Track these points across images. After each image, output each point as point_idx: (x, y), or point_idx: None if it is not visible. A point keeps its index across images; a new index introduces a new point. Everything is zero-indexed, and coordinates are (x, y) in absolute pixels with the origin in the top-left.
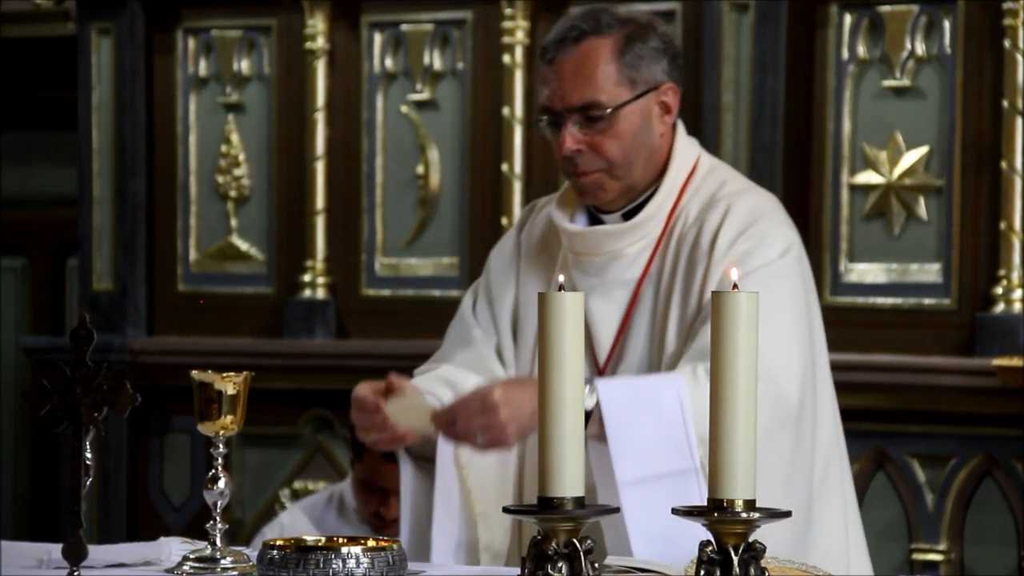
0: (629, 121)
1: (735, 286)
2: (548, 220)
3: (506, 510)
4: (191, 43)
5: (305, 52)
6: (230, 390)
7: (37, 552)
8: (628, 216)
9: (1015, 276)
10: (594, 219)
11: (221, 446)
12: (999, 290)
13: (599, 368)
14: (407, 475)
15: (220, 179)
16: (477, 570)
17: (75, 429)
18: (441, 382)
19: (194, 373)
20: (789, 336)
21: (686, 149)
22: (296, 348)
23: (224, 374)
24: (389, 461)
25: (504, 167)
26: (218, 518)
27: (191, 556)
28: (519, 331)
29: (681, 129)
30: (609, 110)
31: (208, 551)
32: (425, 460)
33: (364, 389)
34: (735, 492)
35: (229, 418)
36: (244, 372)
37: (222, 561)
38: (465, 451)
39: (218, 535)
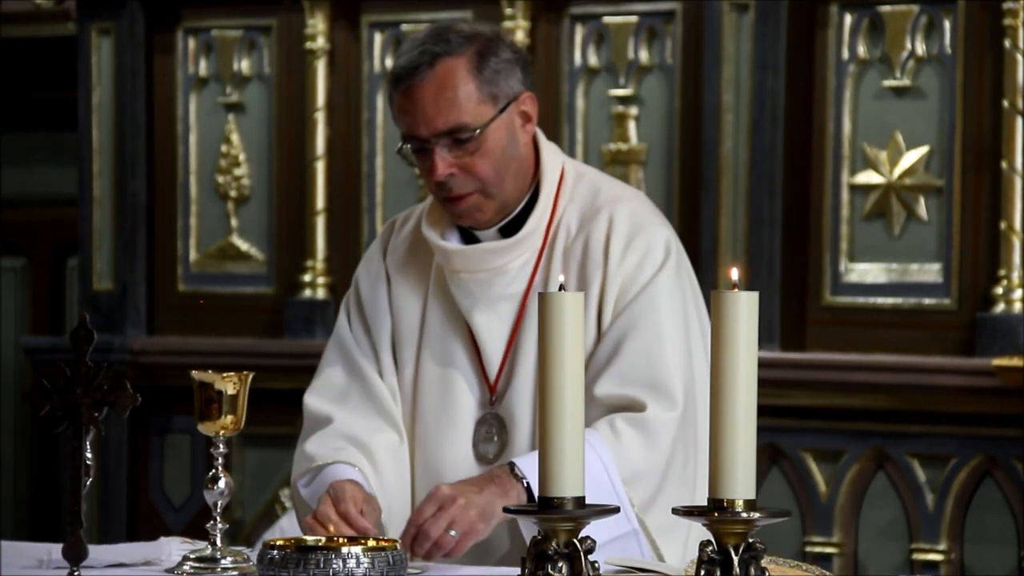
0: (496, 138)
1: (735, 286)
2: (413, 238)
3: (506, 510)
4: (191, 43)
5: (305, 52)
6: (230, 390)
7: (37, 552)
8: (504, 230)
9: (1015, 276)
10: (467, 235)
11: (221, 446)
12: (999, 290)
13: (490, 385)
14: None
15: (220, 179)
16: (477, 570)
17: (75, 429)
18: (348, 443)
19: (194, 373)
20: (673, 345)
21: (552, 157)
22: (296, 348)
23: (224, 374)
24: None
25: None
26: (218, 518)
27: (191, 556)
28: (398, 355)
29: (541, 136)
30: (477, 130)
31: (208, 551)
32: None
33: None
34: (735, 492)
35: (229, 418)
36: (244, 372)
37: (222, 561)
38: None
39: (218, 535)
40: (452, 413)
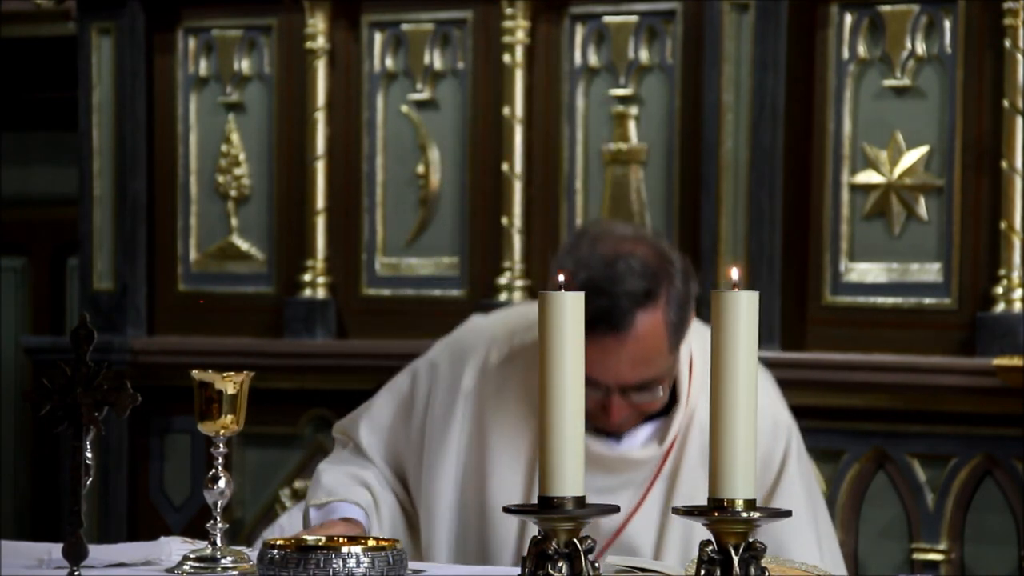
0: (673, 372)
1: (735, 286)
2: (518, 379)
3: (506, 510)
4: (191, 43)
5: (305, 52)
6: (230, 390)
7: (37, 552)
8: None
9: (1015, 276)
10: None
11: (221, 446)
12: (999, 290)
13: None
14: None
15: (220, 179)
16: (477, 570)
17: (75, 429)
18: (361, 485)
19: (194, 373)
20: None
21: (681, 350)
22: (296, 348)
23: (224, 374)
24: None
25: (504, 167)
26: (218, 518)
27: (191, 556)
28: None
29: None
30: (661, 382)
31: (208, 551)
32: None
33: None
34: (735, 492)
35: (229, 418)
36: (244, 372)
37: (222, 561)
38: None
39: (218, 535)
40: None
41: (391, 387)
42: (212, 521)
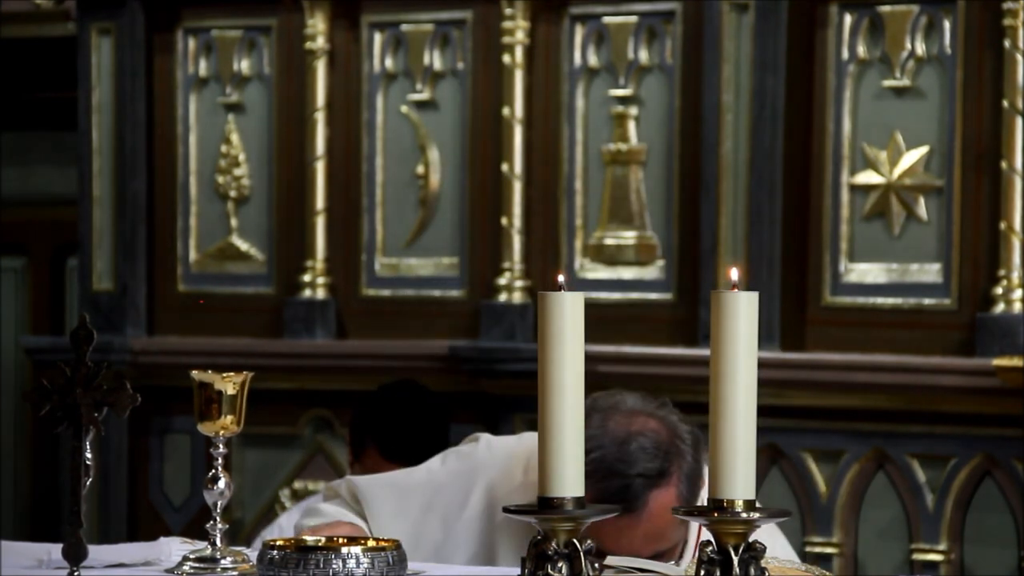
0: (683, 539)
1: (735, 286)
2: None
3: (506, 510)
4: (191, 43)
5: (305, 52)
6: (230, 390)
7: (37, 552)
8: None
9: (1015, 276)
10: None
11: (221, 446)
12: (999, 290)
13: None
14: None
15: (220, 179)
16: (477, 570)
17: (75, 429)
18: (357, 517)
19: (194, 373)
20: None
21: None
22: (296, 348)
23: (224, 374)
24: (390, 461)
25: (504, 167)
26: (218, 518)
27: (191, 556)
28: None
29: None
30: (674, 552)
31: (208, 551)
32: None
33: None
34: (735, 492)
35: (229, 418)
36: (244, 372)
37: (222, 561)
38: None
39: (218, 535)
40: None
41: (390, 479)
42: (212, 521)
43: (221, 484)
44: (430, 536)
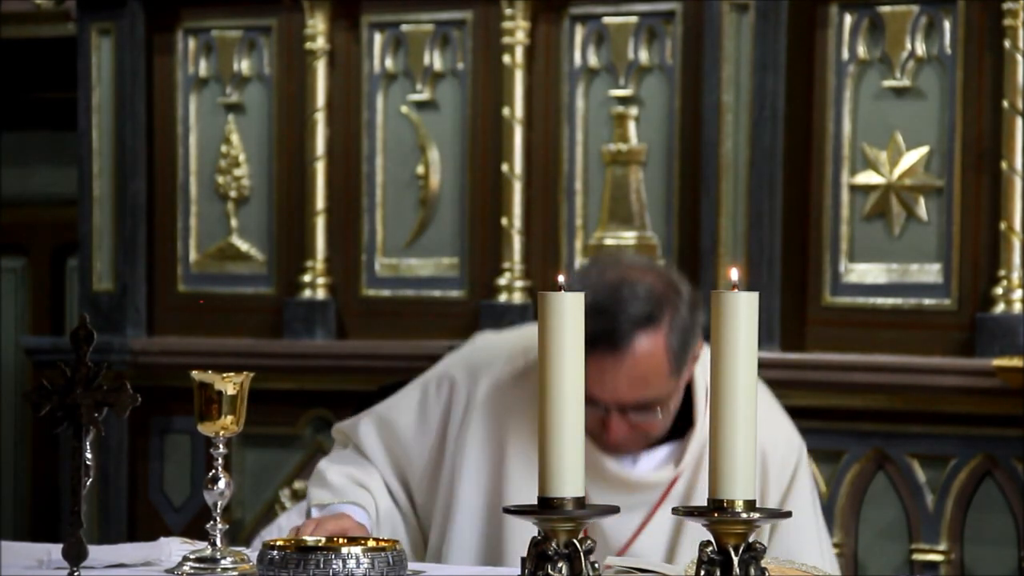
0: (676, 399)
1: (734, 286)
2: (525, 395)
3: (506, 510)
4: (191, 43)
5: (305, 52)
6: (230, 390)
7: (37, 552)
8: None
9: (1015, 276)
10: None
11: (221, 446)
12: (999, 290)
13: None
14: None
15: (220, 179)
16: (477, 570)
17: (75, 429)
18: (361, 488)
19: (194, 373)
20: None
21: (701, 376)
22: (296, 348)
23: (224, 374)
24: None
25: (504, 167)
26: (218, 518)
27: (191, 556)
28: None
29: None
30: (661, 402)
31: (208, 551)
32: None
33: None
34: (735, 493)
35: (229, 418)
36: (244, 372)
37: (222, 561)
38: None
39: (218, 535)
40: None
41: (400, 398)
42: (212, 522)
43: (221, 484)
44: (450, 434)
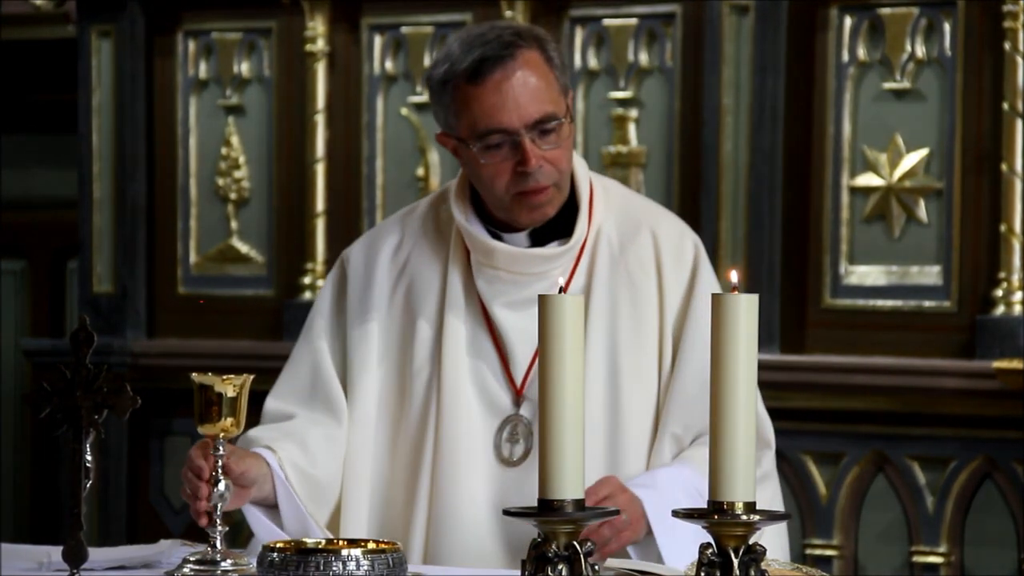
0: (568, 130)
1: (734, 288)
2: (432, 232)
3: (507, 512)
4: (191, 45)
5: (305, 54)
6: (230, 392)
7: (37, 554)
8: (533, 235)
9: (1015, 278)
10: (492, 235)
11: (221, 448)
12: (999, 292)
13: (515, 387)
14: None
15: (220, 181)
16: (477, 570)
17: (75, 431)
18: (289, 440)
19: (194, 376)
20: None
21: (580, 164)
22: None
23: (224, 376)
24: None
25: None
26: (219, 520)
27: (191, 558)
28: (409, 351)
29: None
30: (561, 120)
31: (208, 553)
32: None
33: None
34: (735, 495)
35: (229, 420)
36: (244, 374)
37: (222, 563)
38: (300, 495)
39: (219, 537)
40: (472, 412)
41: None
42: (211, 526)
43: (221, 487)
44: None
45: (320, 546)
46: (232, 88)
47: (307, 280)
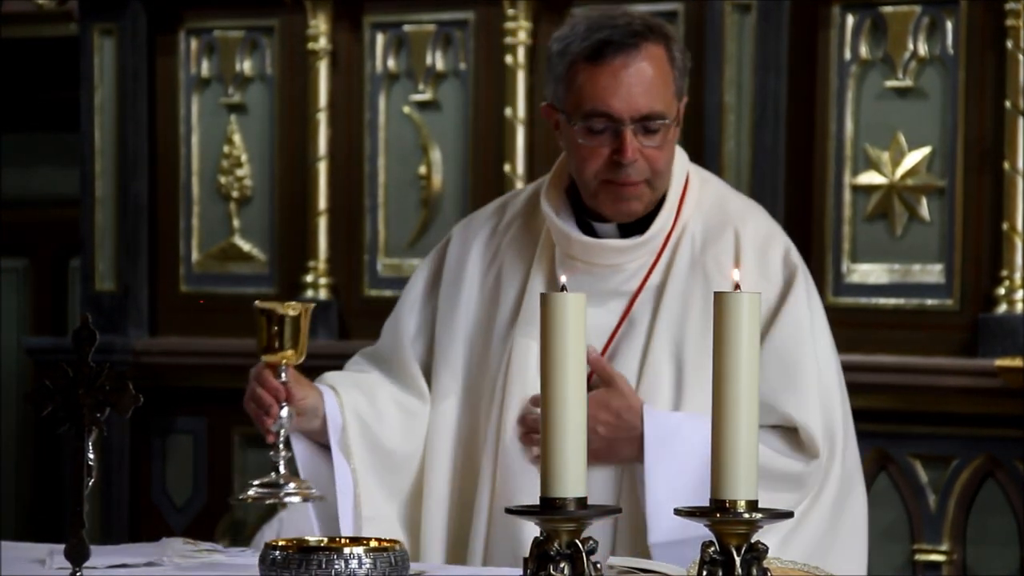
0: (674, 133)
1: (737, 287)
2: (523, 222)
3: (508, 511)
4: (193, 44)
5: (307, 53)
6: (291, 314)
7: (39, 553)
8: (623, 229)
9: (1017, 277)
10: (584, 226)
11: (284, 375)
12: (1001, 291)
13: (587, 374)
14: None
15: (222, 180)
16: (477, 570)
17: (77, 430)
18: (357, 389)
19: (257, 303)
20: (809, 377)
21: (680, 159)
22: None
23: (286, 303)
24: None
25: (506, 167)
26: (281, 446)
27: (254, 482)
28: (487, 334)
29: None
30: (668, 121)
31: (272, 478)
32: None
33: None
34: (737, 493)
35: (291, 351)
36: (306, 304)
37: (286, 487)
38: (357, 454)
39: (281, 462)
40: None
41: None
42: (275, 450)
43: (284, 412)
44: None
45: (322, 544)
46: (234, 86)
47: (309, 278)
